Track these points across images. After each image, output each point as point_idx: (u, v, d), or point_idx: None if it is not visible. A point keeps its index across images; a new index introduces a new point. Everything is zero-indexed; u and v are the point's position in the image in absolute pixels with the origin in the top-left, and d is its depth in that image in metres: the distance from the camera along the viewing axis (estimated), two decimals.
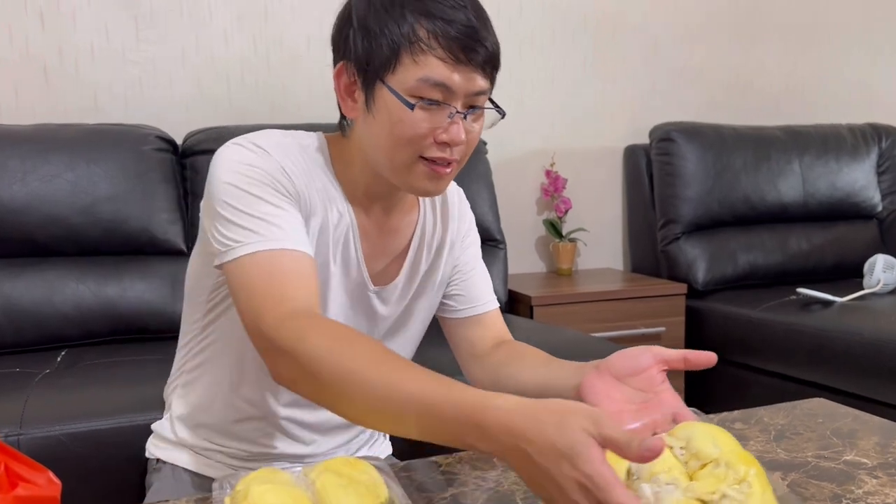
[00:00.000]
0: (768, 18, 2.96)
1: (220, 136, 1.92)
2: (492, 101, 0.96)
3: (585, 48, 2.72)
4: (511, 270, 2.46)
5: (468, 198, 2.48)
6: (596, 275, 2.67)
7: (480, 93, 0.91)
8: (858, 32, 3.11)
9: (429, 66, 0.87)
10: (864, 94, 3.13)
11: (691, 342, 2.44)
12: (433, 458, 0.95)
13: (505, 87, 2.66)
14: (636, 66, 2.80)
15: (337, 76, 0.94)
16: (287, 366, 0.81)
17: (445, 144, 0.90)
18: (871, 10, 3.11)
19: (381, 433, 1.21)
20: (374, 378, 0.73)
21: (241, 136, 0.95)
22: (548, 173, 2.65)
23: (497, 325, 1.12)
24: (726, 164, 2.58)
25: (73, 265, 1.87)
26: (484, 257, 2.52)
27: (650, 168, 2.67)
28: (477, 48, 0.88)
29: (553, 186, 2.63)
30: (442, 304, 1.13)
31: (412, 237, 1.07)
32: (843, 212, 2.72)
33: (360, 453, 1.14)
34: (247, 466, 1.06)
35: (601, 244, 2.81)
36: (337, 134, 1.02)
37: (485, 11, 0.92)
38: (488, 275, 1.17)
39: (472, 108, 0.92)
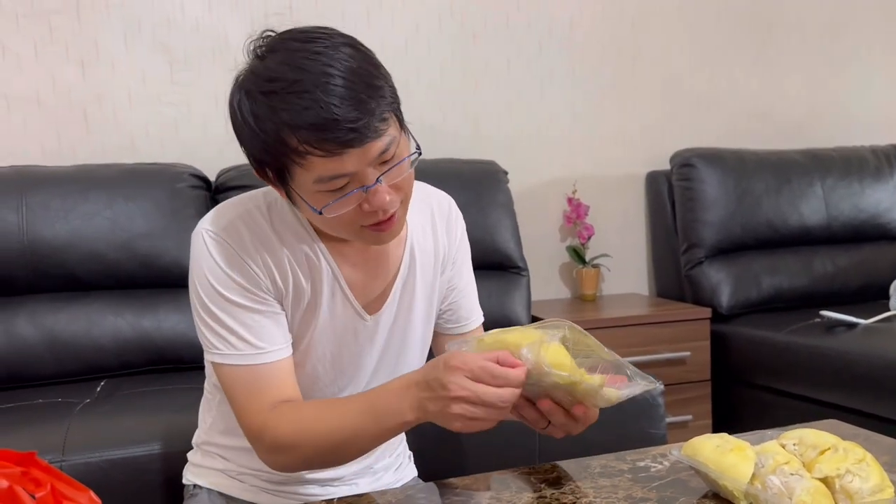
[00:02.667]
0: (787, 43, 2.98)
1: (251, 172, 1.98)
2: (407, 132, 0.94)
3: (605, 78, 2.77)
4: (535, 297, 2.49)
5: (489, 226, 2.50)
6: (620, 300, 2.69)
7: (383, 151, 0.89)
8: (879, 54, 3.11)
9: (316, 167, 0.87)
10: (888, 115, 3.13)
11: (716, 366, 2.45)
12: (450, 480, 0.99)
13: (526, 119, 2.74)
14: (655, 95, 2.84)
15: (256, 173, 0.97)
16: (272, 453, 0.98)
17: (376, 212, 0.92)
18: (892, 31, 3.12)
19: (405, 457, 1.25)
20: (332, 426, 0.94)
21: (210, 221, 1.00)
22: (570, 200, 2.69)
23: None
24: (747, 189, 2.60)
25: (111, 299, 1.95)
26: (506, 285, 2.54)
27: (672, 194, 2.70)
28: (350, 132, 0.85)
29: (575, 213, 2.67)
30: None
31: (403, 254, 1.09)
32: (868, 233, 2.71)
33: (387, 476, 1.18)
34: (279, 490, 1.11)
35: (625, 270, 2.83)
36: None
37: (353, 65, 0.87)
38: (475, 284, 1.20)
39: (384, 163, 0.90)
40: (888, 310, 2.35)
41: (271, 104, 0.88)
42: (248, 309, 0.99)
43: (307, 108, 0.86)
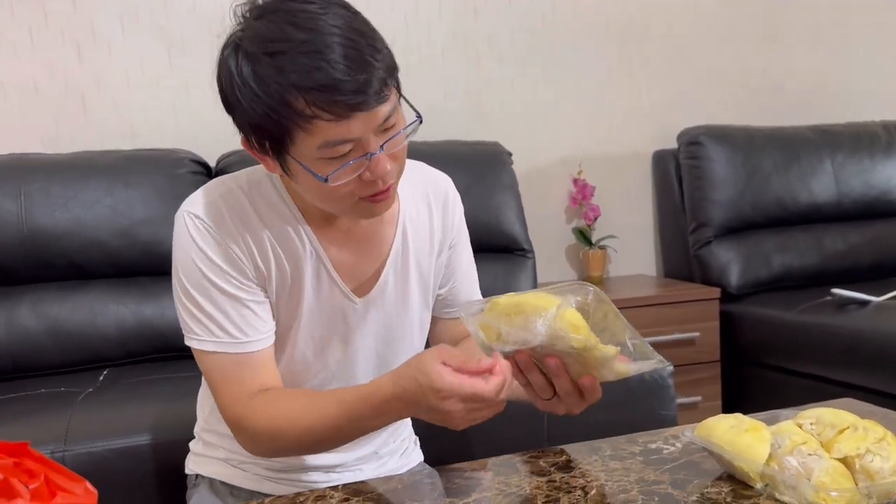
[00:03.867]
0: (795, 17, 2.93)
1: (251, 157, 1.96)
2: (405, 100, 0.92)
3: (610, 55, 2.73)
4: (541, 279, 2.46)
5: (494, 209, 2.48)
6: (628, 281, 2.66)
7: (387, 118, 0.87)
8: (889, 28, 3.06)
9: (322, 132, 0.84)
10: None
11: (726, 346, 2.42)
12: (458, 465, 0.97)
13: (530, 99, 2.70)
14: (662, 71, 2.80)
15: (244, 144, 0.93)
16: (252, 443, 0.98)
17: (376, 181, 0.90)
18: None
19: (411, 442, 1.23)
20: (313, 422, 0.93)
21: (193, 203, 0.98)
22: (575, 181, 2.65)
23: None
24: (756, 166, 2.56)
25: (113, 287, 1.93)
26: (512, 267, 2.52)
27: (679, 172, 2.66)
28: (358, 94, 0.83)
29: (581, 194, 2.64)
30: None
31: (395, 233, 1.06)
32: (880, 210, 2.67)
33: (392, 462, 1.16)
34: (281, 478, 1.09)
35: (632, 250, 2.80)
36: None
37: (354, 26, 0.86)
38: (475, 269, 1.18)
39: (385, 131, 0.88)
40: None
41: (278, 65, 0.83)
42: (229, 295, 0.97)
43: (318, 68, 0.82)
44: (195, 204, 0.99)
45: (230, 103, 0.90)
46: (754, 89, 2.90)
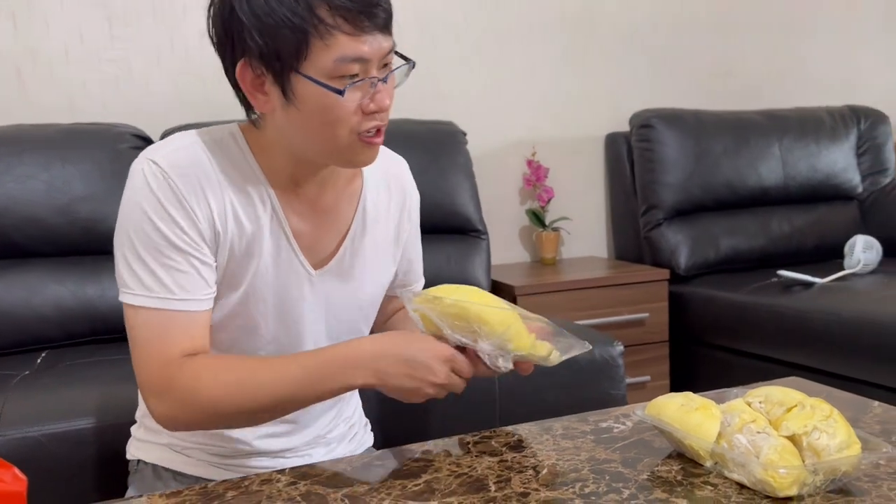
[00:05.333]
0: (746, 5, 2.96)
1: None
2: (398, 55, 0.95)
3: (564, 37, 2.72)
4: (494, 261, 2.46)
5: (448, 189, 2.48)
6: (580, 263, 2.67)
7: (387, 53, 0.91)
8: (837, 17, 3.12)
9: (340, 45, 0.86)
10: (843, 77, 3.15)
11: (675, 327, 2.45)
12: (408, 447, 0.95)
13: (485, 79, 2.68)
14: (616, 54, 2.80)
15: (240, 75, 0.91)
16: (179, 408, 0.91)
17: (374, 113, 0.91)
18: None
19: (361, 426, 1.21)
20: (264, 380, 0.91)
21: (154, 151, 0.94)
22: (529, 163, 2.65)
23: None
24: (706, 149, 2.59)
25: (51, 266, 1.86)
26: (466, 248, 2.52)
27: (631, 155, 2.67)
28: (376, 11, 0.88)
29: (535, 176, 2.63)
30: None
31: (355, 211, 1.05)
32: (824, 194, 2.73)
33: (341, 448, 1.14)
34: (227, 464, 1.06)
35: (585, 232, 2.81)
36: (247, 123, 1.01)
37: None
38: (421, 249, 1.19)
39: (385, 67, 0.92)
40: (842, 269, 2.37)
41: None
42: (175, 248, 0.92)
43: None
44: (156, 153, 0.94)
45: (229, 28, 0.89)
46: (706, 74, 2.94)
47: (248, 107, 0.97)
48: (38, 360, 1.71)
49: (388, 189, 1.10)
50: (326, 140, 0.92)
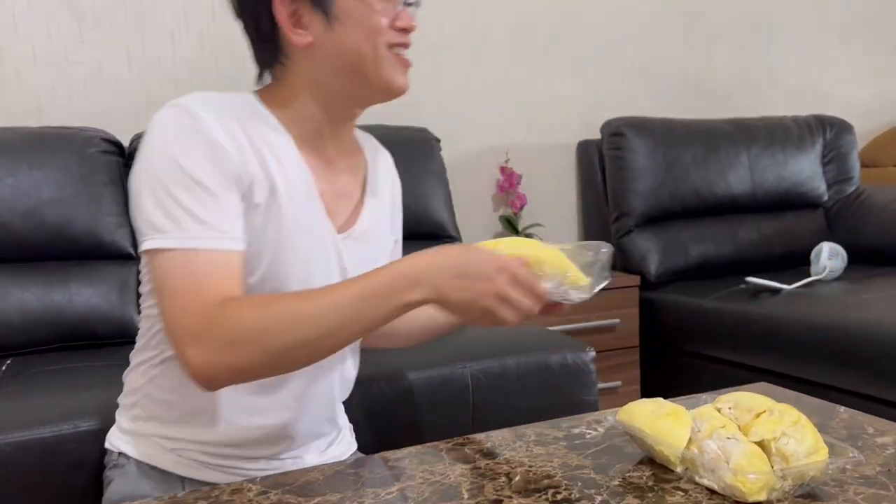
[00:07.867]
0: (716, 15, 3.01)
1: None
2: None
3: (537, 46, 2.74)
4: None
5: (422, 195, 2.48)
6: None
7: None
8: (804, 28, 3.18)
9: None
10: (810, 87, 3.21)
11: (645, 333, 2.47)
12: (382, 454, 0.95)
13: (458, 86, 2.68)
14: (588, 63, 2.83)
15: (278, 11, 0.95)
16: (223, 354, 0.84)
17: (404, 31, 1.00)
18: (815, 4, 3.19)
19: (348, 429, 1.19)
20: (319, 304, 0.85)
21: (178, 100, 0.92)
22: (502, 170, 2.66)
23: None
24: (676, 158, 2.62)
25: (16, 271, 1.82)
26: None
27: (602, 162, 2.70)
28: None
29: (508, 182, 2.64)
30: None
31: (366, 178, 1.08)
32: (791, 202, 2.78)
33: (330, 451, 1.12)
34: (222, 466, 1.01)
35: (557, 238, 2.81)
36: (262, 87, 1.01)
37: None
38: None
39: None
40: (809, 275, 2.41)
41: None
42: (208, 190, 0.87)
43: None
44: (181, 100, 0.91)
45: None
46: (676, 83, 2.97)
47: (265, 64, 1.00)
48: (3, 368, 1.68)
49: (382, 168, 1.14)
50: (366, 59, 0.96)
